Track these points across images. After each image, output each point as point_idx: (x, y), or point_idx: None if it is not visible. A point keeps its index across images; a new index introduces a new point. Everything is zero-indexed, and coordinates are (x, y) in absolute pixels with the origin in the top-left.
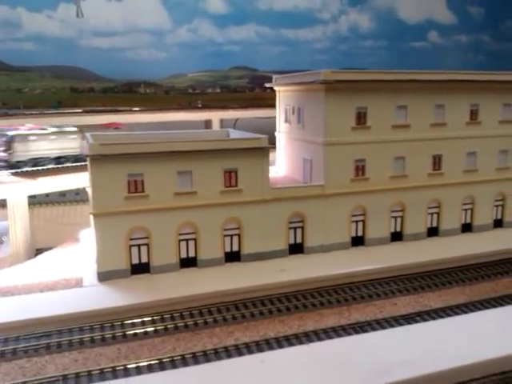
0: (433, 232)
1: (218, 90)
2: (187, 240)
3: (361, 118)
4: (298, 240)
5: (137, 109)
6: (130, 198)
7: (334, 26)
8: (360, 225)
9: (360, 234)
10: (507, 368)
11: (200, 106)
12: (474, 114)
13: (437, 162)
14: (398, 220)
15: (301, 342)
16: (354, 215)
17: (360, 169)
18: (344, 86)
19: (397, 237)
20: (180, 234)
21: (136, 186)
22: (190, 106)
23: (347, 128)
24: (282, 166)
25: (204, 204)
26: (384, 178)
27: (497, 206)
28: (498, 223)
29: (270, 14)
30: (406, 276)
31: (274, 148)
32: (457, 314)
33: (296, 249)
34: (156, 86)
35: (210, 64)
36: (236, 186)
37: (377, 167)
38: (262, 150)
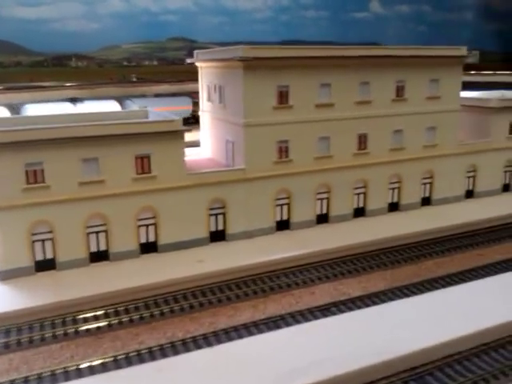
0: (359, 213)
1: (155, 63)
2: (97, 232)
3: (282, 97)
4: (220, 227)
5: (56, 84)
6: (29, 189)
7: None
8: (285, 208)
9: (285, 217)
10: (419, 363)
11: (135, 79)
12: (400, 91)
13: (362, 141)
14: (324, 202)
15: (209, 344)
16: (278, 199)
17: (283, 150)
18: (264, 64)
19: (323, 219)
20: (88, 227)
21: (35, 177)
22: (124, 80)
23: (268, 108)
24: (206, 147)
25: (114, 193)
26: (308, 160)
27: (425, 183)
28: (427, 201)
29: None
30: (328, 261)
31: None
32: (375, 303)
33: (218, 236)
34: (88, 59)
35: (145, 35)
36: (149, 172)
37: (301, 148)
38: (177, 134)
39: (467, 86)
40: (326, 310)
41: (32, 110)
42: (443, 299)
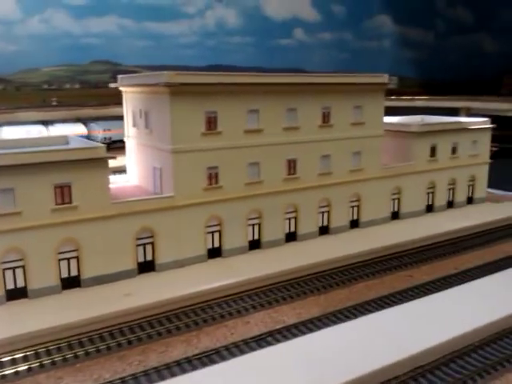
0: (291, 237)
1: (78, 86)
2: (14, 268)
3: (211, 122)
4: (149, 257)
5: None
6: None
7: (201, 21)
8: (216, 235)
9: (217, 245)
10: None
11: (55, 103)
12: (326, 117)
13: (292, 166)
14: (256, 228)
15: None
16: (209, 226)
17: (213, 177)
18: (191, 89)
19: (255, 245)
20: (3, 262)
21: None
22: (44, 104)
23: (197, 134)
24: (133, 174)
25: (31, 226)
26: (239, 186)
27: (352, 206)
28: (355, 224)
29: (131, 6)
30: (262, 289)
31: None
32: (311, 329)
33: (146, 267)
34: (6, 82)
35: (67, 58)
36: (70, 202)
37: (230, 174)
38: (100, 161)
39: (388, 110)
40: (261, 341)
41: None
42: (374, 324)
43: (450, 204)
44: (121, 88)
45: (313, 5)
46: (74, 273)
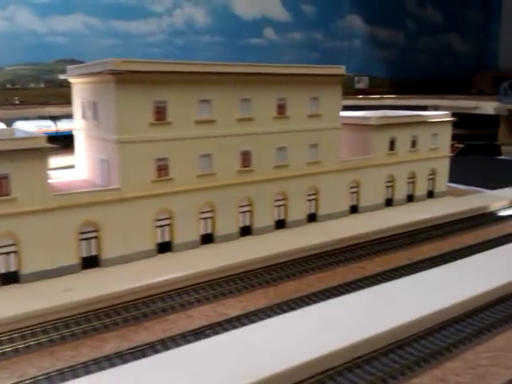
0: (246, 231)
1: (42, 85)
2: None
3: (160, 112)
4: (93, 252)
5: None
6: None
7: (169, 20)
8: (166, 230)
9: (167, 239)
10: None
11: (17, 102)
12: (281, 109)
13: (246, 158)
14: (209, 221)
15: (64, 379)
16: (159, 219)
17: (162, 168)
18: (138, 78)
19: (208, 239)
20: None
21: None
22: (6, 103)
23: (145, 124)
24: (81, 167)
25: None
26: (190, 178)
27: (310, 200)
28: (313, 217)
29: (98, 5)
30: (209, 282)
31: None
32: (253, 321)
33: (91, 262)
34: None
35: (31, 56)
36: (8, 194)
37: (181, 166)
38: (41, 151)
39: (357, 109)
40: (200, 334)
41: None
42: (317, 313)
43: (411, 198)
44: (70, 79)
45: (283, 4)
46: (12, 268)
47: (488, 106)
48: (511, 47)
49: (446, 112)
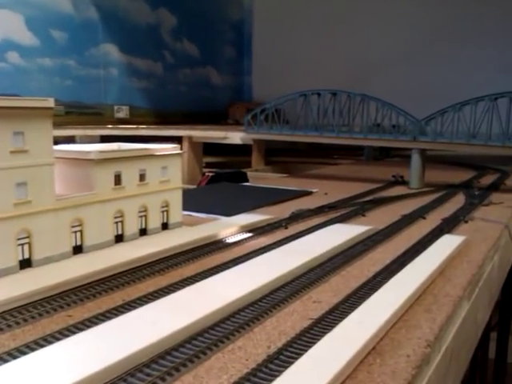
0: (26, 264)
1: None
2: None
3: None
4: None
5: None
6: None
7: None
8: None
9: None
10: None
11: None
12: None
13: None
14: None
15: None
16: None
17: None
18: None
19: None
20: None
21: None
22: None
23: None
24: None
25: None
26: None
27: (22, 244)
28: (27, 263)
29: None
30: None
31: None
32: None
33: None
34: None
35: None
36: None
37: None
38: None
39: (112, 140)
40: None
41: None
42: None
43: (144, 231)
44: None
45: (29, 28)
46: None
47: (235, 136)
48: (261, 81)
49: (175, 145)
